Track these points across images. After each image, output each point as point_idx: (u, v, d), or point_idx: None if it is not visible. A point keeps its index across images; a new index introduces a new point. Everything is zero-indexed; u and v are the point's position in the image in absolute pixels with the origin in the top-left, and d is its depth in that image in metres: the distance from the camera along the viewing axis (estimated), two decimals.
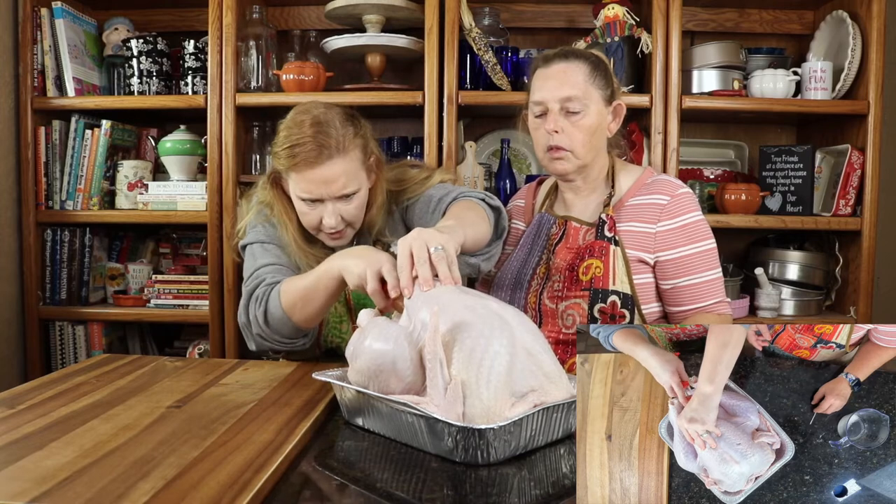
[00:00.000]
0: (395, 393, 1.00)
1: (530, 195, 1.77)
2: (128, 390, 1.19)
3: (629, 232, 1.51)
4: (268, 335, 1.40)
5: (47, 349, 2.34)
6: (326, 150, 1.39)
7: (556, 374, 1.01)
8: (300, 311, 1.35)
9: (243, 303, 1.43)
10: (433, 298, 1.05)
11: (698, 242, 1.50)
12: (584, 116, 1.51)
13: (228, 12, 2.18)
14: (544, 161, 1.58)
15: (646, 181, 1.57)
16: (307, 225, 1.49)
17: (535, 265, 1.60)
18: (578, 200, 1.62)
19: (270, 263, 1.47)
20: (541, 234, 1.64)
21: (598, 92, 1.53)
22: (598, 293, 1.48)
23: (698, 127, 2.54)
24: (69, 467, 0.83)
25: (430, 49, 2.16)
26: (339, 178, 1.41)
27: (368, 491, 0.85)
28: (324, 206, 1.44)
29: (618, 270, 1.48)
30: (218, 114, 2.22)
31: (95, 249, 2.40)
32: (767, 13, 2.49)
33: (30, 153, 2.27)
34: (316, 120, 1.42)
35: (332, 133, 1.41)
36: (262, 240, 1.52)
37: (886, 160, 2.29)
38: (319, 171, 1.40)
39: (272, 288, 1.39)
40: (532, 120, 1.57)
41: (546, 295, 1.54)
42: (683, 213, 1.50)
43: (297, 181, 1.43)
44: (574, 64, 1.53)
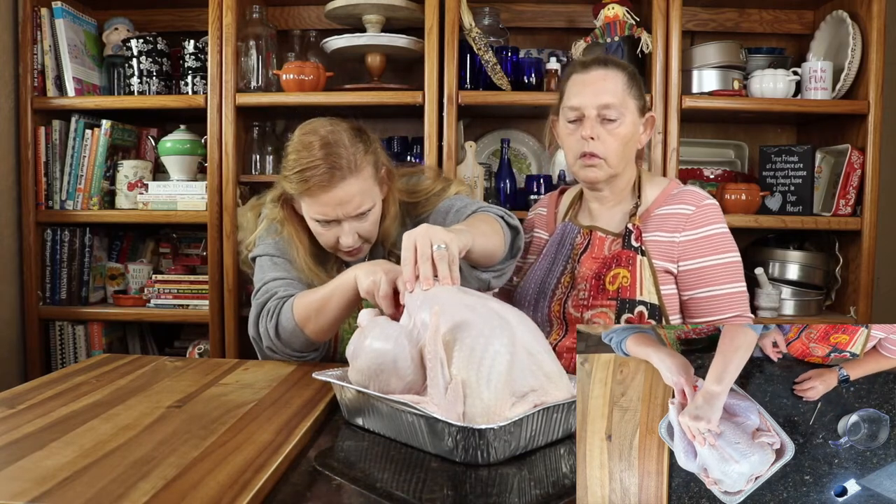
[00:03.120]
0: (396, 392, 1.00)
1: (552, 204, 1.75)
2: (128, 390, 1.19)
3: (655, 242, 1.49)
4: (279, 348, 1.40)
5: (47, 349, 2.34)
6: (339, 171, 1.36)
7: (556, 374, 1.01)
8: (314, 323, 1.34)
9: (253, 316, 1.43)
10: (433, 298, 1.05)
11: (721, 254, 1.47)
12: (620, 125, 1.50)
13: (228, 12, 2.18)
14: (575, 167, 1.55)
15: (671, 192, 1.55)
16: (324, 244, 1.48)
17: (559, 274, 1.58)
18: (604, 211, 1.60)
19: (280, 277, 1.46)
20: (565, 243, 1.62)
21: (634, 102, 1.52)
22: (625, 303, 1.46)
23: (698, 127, 2.54)
24: (69, 467, 0.83)
25: (430, 49, 2.16)
26: (354, 198, 1.39)
27: (368, 491, 0.85)
28: (340, 226, 1.43)
29: (645, 281, 1.47)
30: (218, 114, 2.22)
31: (95, 249, 2.40)
32: (767, 13, 2.49)
33: (30, 153, 2.27)
34: (325, 141, 1.38)
35: (342, 153, 1.38)
36: (271, 253, 1.51)
37: (886, 160, 2.29)
38: (333, 193, 1.37)
39: (284, 301, 1.39)
40: (564, 125, 1.55)
41: (571, 303, 1.52)
42: (707, 223, 1.48)
43: (310, 205, 1.41)
44: (613, 72, 1.52)
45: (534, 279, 1.62)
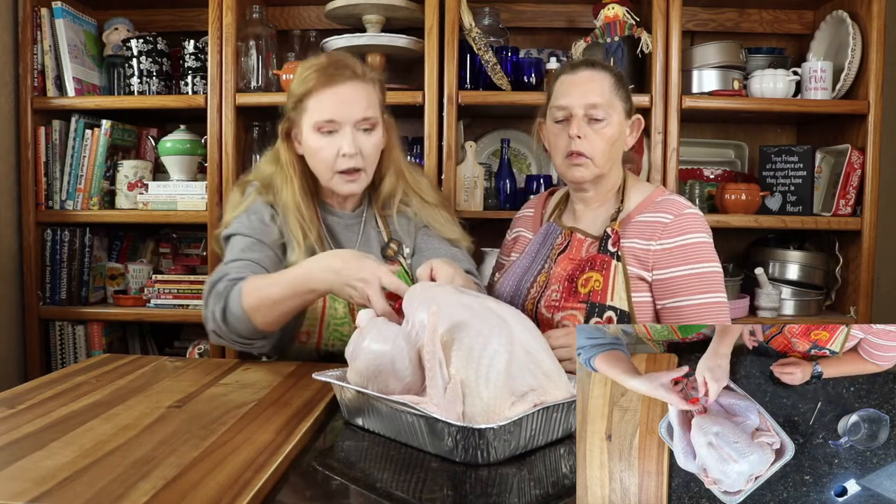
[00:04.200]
0: (395, 393, 1.00)
1: (540, 205, 1.76)
2: (128, 390, 1.19)
3: (631, 248, 1.49)
4: (223, 332, 1.36)
5: (47, 349, 2.34)
6: (347, 70, 1.44)
7: (555, 373, 1.01)
8: (265, 314, 1.30)
9: (205, 295, 1.39)
10: (431, 298, 1.05)
11: (695, 264, 1.46)
12: (606, 125, 1.51)
13: (228, 12, 2.18)
14: (562, 167, 1.56)
15: (655, 199, 1.55)
16: (323, 162, 1.46)
17: (535, 273, 1.59)
18: (587, 212, 1.61)
19: (239, 259, 1.42)
20: (546, 243, 1.63)
21: (621, 104, 1.54)
22: (594, 307, 1.46)
23: (698, 127, 2.54)
24: (69, 467, 0.83)
25: (430, 49, 2.16)
26: (360, 101, 1.44)
27: (368, 491, 0.85)
28: (342, 134, 1.44)
29: (617, 286, 1.47)
30: (218, 114, 2.22)
31: (95, 249, 2.40)
32: (767, 13, 2.48)
33: (30, 153, 2.27)
34: (332, 55, 1.50)
35: (349, 63, 1.46)
36: (243, 232, 1.47)
37: (886, 160, 2.29)
38: (341, 89, 1.43)
39: (235, 284, 1.35)
40: (552, 125, 1.57)
41: (543, 304, 1.53)
42: (684, 233, 1.47)
43: (315, 105, 1.44)
44: (600, 73, 1.53)
45: (512, 277, 1.63)
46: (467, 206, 2.26)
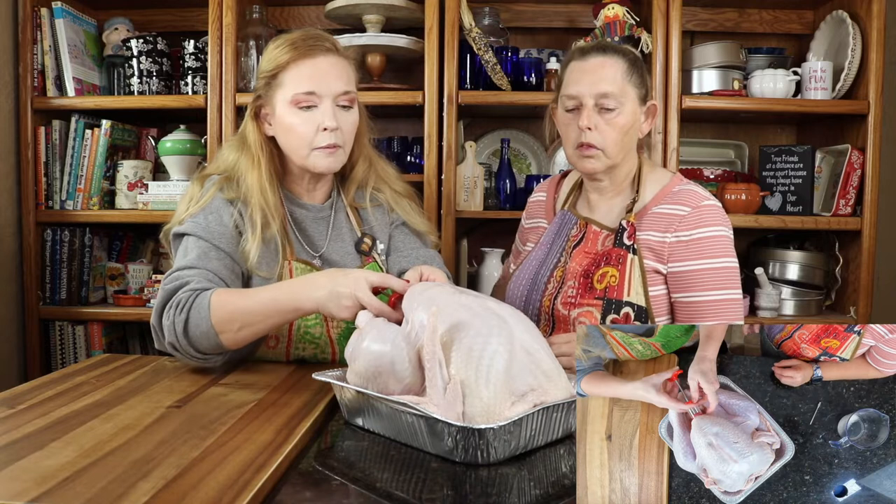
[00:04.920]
0: (395, 394, 1.00)
1: (552, 189, 1.70)
2: (128, 390, 1.19)
3: (647, 241, 1.45)
4: (182, 347, 1.25)
5: (47, 349, 2.34)
6: (326, 42, 1.40)
7: (554, 373, 1.01)
8: (236, 331, 1.23)
9: (159, 304, 1.28)
10: (430, 299, 1.05)
11: (712, 258, 1.41)
12: (618, 115, 1.44)
13: (228, 12, 2.18)
14: (573, 158, 1.51)
15: (672, 189, 1.49)
16: (300, 138, 1.38)
17: (552, 267, 1.55)
18: (603, 202, 1.56)
19: (196, 266, 1.31)
20: (561, 233, 1.58)
21: (634, 90, 1.47)
22: (611, 303, 1.42)
23: (698, 127, 2.54)
24: (69, 467, 0.83)
25: (430, 49, 2.16)
26: (341, 74, 1.39)
27: (368, 491, 0.85)
28: (322, 109, 1.37)
29: (633, 281, 1.43)
30: (218, 114, 2.22)
31: (95, 249, 2.40)
32: (767, 13, 2.49)
33: (30, 153, 2.27)
34: (305, 30, 1.43)
35: (325, 35, 1.42)
36: (198, 234, 1.35)
37: (886, 160, 2.29)
38: (320, 61, 1.37)
39: (197, 295, 1.25)
40: (562, 114, 1.50)
41: (560, 300, 1.49)
42: (701, 226, 1.42)
43: (293, 78, 1.37)
44: (612, 59, 1.46)
45: (529, 269, 1.59)
46: (467, 206, 2.26)
